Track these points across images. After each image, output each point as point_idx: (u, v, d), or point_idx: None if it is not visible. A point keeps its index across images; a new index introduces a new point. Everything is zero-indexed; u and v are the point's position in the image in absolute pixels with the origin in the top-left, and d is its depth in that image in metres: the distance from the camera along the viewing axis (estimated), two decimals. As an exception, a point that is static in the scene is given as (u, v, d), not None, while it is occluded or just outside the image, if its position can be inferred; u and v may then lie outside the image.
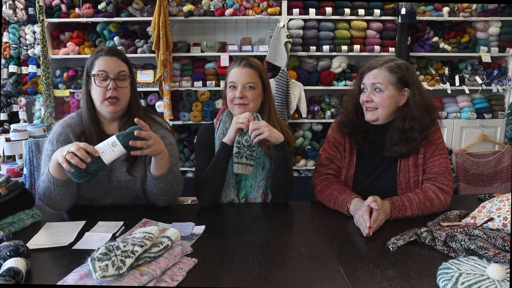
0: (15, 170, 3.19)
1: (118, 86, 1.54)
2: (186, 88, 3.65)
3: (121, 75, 1.56)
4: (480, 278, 0.98)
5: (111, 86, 1.53)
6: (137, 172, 1.62)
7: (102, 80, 1.54)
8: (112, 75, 1.54)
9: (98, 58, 1.56)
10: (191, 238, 1.33)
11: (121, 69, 1.56)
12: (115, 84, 1.54)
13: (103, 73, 1.53)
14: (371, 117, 1.64)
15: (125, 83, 1.57)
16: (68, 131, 1.61)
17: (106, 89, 1.53)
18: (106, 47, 1.63)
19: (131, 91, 1.62)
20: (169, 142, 1.67)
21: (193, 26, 3.86)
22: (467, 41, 3.72)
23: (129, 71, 1.61)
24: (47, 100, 3.55)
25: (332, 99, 3.76)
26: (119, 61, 1.57)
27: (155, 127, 1.67)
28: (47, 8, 3.54)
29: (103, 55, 1.56)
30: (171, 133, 1.73)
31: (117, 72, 1.55)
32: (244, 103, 1.67)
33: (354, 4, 3.59)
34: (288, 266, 1.15)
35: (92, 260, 1.00)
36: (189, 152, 3.74)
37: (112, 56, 1.56)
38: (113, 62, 1.55)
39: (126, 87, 1.58)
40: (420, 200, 1.52)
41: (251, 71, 1.67)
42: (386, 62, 1.62)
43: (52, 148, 1.60)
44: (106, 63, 1.54)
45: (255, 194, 1.73)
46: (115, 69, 1.55)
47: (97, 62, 1.55)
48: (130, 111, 1.63)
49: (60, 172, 1.43)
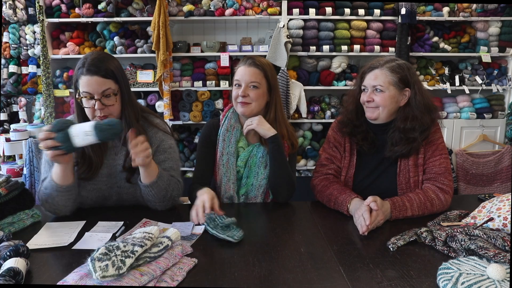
0: (15, 170, 3.19)
1: (104, 104, 1.49)
2: (186, 88, 3.65)
3: (106, 94, 1.48)
4: (480, 278, 0.98)
5: (97, 107, 1.47)
6: (135, 178, 1.59)
7: (88, 100, 1.49)
8: (97, 95, 1.47)
9: (80, 76, 1.48)
10: (191, 238, 1.33)
11: (105, 87, 1.48)
12: (101, 104, 1.47)
13: (87, 94, 1.48)
14: (371, 115, 1.64)
15: (111, 100, 1.50)
16: None
17: (93, 108, 1.49)
18: (88, 60, 1.48)
19: (122, 101, 1.55)
20: (169, 145, 1.66)
21: (193, 26, 3.86)
22: (467, 41, 3.72)
23: (116, 84, 1.51)
24: (47, 100, 3.55)
25: (332, 99, 3.76)
26: (101, 79, 1.47)
27: (152, 130, 1.65)
28: (47, 8, 3.54)
29: (85, 74, 1.46)
30: (170, 135, 1.70)
31: (101, 92, 1.47)
32: (246, 102, 1.67)
33: (354, 4, 3.59)
34: (288, 266, 1.15)
35: (92, 260, 1.00)
36: (189, 152, 3.74)
37: (93, 75, 1.46)
38: (95, 81, 1.46)
39: (113, 104, 1.51)
40: (420, 200, 1.52)
41: (256, 70, 1.67)
42: (387, 62, 1.62)
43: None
44: (88, 84, 1.46)
45: (256, 193, 1.73)
46: (99, 89, 1.47)
47: (81, 82, 1.48)
48: (125, 117, 1.57)
49: (62, 178, 1.44)
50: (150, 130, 1.65)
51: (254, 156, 1.72)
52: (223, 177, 1.71)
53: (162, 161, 1.62)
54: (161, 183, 1.52)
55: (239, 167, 1.73)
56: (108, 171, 1.61)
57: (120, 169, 1.60)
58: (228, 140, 1.72)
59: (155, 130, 1.66)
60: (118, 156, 1.62)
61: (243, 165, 1.73)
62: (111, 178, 1.61)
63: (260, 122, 1.66)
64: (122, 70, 1.57)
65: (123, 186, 1.61)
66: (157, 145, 1.63)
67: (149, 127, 1.65)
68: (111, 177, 1.61)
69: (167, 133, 1.69)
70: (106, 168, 1.60)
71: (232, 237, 1.27)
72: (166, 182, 1.54)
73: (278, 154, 1.66)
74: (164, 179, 1.54)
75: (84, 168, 1.56)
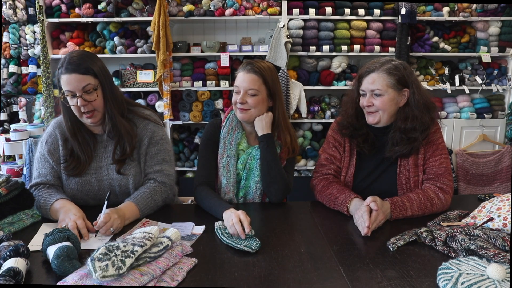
0: (15, 170, 3.19)
1: (87, 101, 1.51)
2: (186, 88, 3.65)
3: (87, 89, 1.50)
4: (480, 278, 0.98)
5: (79, 104, 1.50)
6: (127, 170, 1.62)
7: (71, 98, 1.52)
8: (78, 92, 1.49)
9: (61, 76, 1.51)
10: (191, 238, 1.33)
11: (85, 83, 1.49)
12: (83, 101, 1.50)
13: (69, 92, 1.51)
14: (373, 120, 1.63)
15: (92, 96, 1.52)
16: (57, 133, 1.63)
17: (77, 106, 1.51)
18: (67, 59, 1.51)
19: (104, 96, 1.56)
20: (160, 137, 1.67)
21: (193, 26, 3.86)
22: (467, 41, 3.71)
23: (96, 79, 1.52)
24: (47, 100, 3.54)
25: (332, 99, 3.76)
26: (80, 75, 1.49)
27: (143, 122, 1.67)
28: (47, 8, 3.53)
29: (63, 73, 1.49)
30: (162, 126, 1.72)
31: (82, 88, 1.49)
32: (245, 108, 1.67)
33: (354, 4, 3.59)
34: (288, 266, 1.15)
35: (92, 260, 1.00)
36: (189, 152, 3.74)
37: (71, 73, 1.48)
38: (73, 79, 1.48)
39: (95, 99, 1.53)
40: (420, 200, 1.52)
41: (254, 77, 1.65)
42: (384, 64, 1.61)
43: (42, 150, 1.62)
44: (68, 82, 1.49)
45: (253, 195, 1.73)
46: (78, 85, 1.49)
47: (62, 81, 1.51)
48: (107, 112, 1.58)
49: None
50: (140, 122, 1.66)
51: (252, 158, 1.72)
52: (223, 179, 1.71)
53: (155, 153, 1.65)
54: (148, 210, 1.56)
55: (238, 170, 1.73)
56: (97, 164, 1.62)
57: (110, 162, 1.62)
58: (229, 142, 1.72)
59: (146, 122, 1.67)
60: (107, 149, 1.64)
61: (242, 167, 1.73)
62: (101, 171, 1.62)
63: (260, 120, 1.67)
64: (103, 66, 1.58)
65: (115, 178, 1.62)
66: (149, 136, 1.65)
67: (139, 120, 1.67)
68: (101, 170, 1.62)
69: (158, 124, 1.70)
70: (95, 161, 1.62)
71: (249, 247, 1.24)
72: (151, 202, 1.56)
73: (267, 154, 1.66)
74: (149, 206, 1.55)
75: (73, 165, 1.59)
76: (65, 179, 1.61)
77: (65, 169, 1.60)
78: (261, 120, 1.68)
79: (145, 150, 1.64)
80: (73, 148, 1.60)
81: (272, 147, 1.66)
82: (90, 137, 1.63)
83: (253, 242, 1.26)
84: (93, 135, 1.64)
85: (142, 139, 1.65)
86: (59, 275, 1.07)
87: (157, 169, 1.64)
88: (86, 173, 1.61)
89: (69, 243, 1.15)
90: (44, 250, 1.16)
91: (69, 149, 1.61)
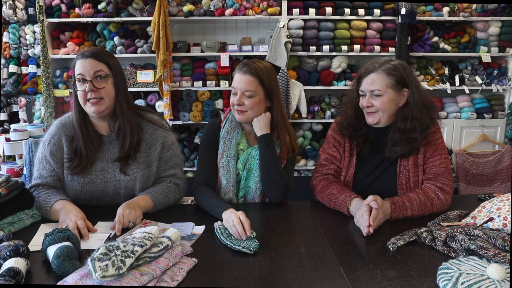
0: (15, 170, 3.19)
1: (96, 87, 1.52)
2: (186, 88, 3.65)
3: (98, 75, 1.53)
4: (480, 278, 0.98)
5: (88, 88, 1.51)
6: (135, 172, 1.62)
7: (81, 83, 1.53)
8: (89, 77, 1.52)
9: (76, 62, 1.55)
10: (191, 238, 1.33)
11: (97, 69, 1.53)
12: (92, 86, 1.52)
13: (80, 76, 1.53)
14: (373, 121, 1.63)
15: (103, 83, 1.54)
16: (61, 133, 1.62)
17: (86, 91, 1.53)
18: (85, 49, 1.61)
19: (116, 89, 1.58)
20: (171, 141, 1.70)
21: (193, 26, 3.86)
22: (467, 41, 3.71)
23: (109, 69, 1.56)
24: (47, 100, 3.55)
25: (332, 99, 3.76)
26: (95, 61, 1.53)
27: (151, 128, 1.67)
28: (47, 8, 3.54)
29: (80, 58, 1.54)
30: (170, 131, 1.74)
31: (93, 73, 1.52)
32: (242, 110, 1.67)
33: (354, 4, 3.59)
34: (288, 266, 1.15)
35: (92, 260, 1.00)
36: (189, 152, 3.74)
37: (87, 57, 1.53)
38: (88, 63, 1.52)
39: (104, 87, 1.54)
40: (420, 200, 1.52)
41: (250, 78, 1.65)
42: (383, 64, 1.60)
43: (44, 150, 1.62)
44: (82, 66, 1.52)
45: (253, 195, 1.73)
46: (91, 70, 1.52)
47: (76, 66, 1.54)
48: (119, 104, 1.60)
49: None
50: (149, 128, 1.67)
51: (252, 158, 1.72)
52: (222, 179, 1.71)
53: (168, 158, 1.68)
54: (160, 206, 1.59)
55: (238, 170, 1.73)
56: (103, 166, 1.62)
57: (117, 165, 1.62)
58: (228, 142, 1.71)
59: (155, 127, 1.68)
60: (113, 151, 1.63)
61: (242, 168, 1.72)
62: (107, 172, 1.61)
63: (259, 120, 1.67)
64: (118, 64, 1.63)
65: (121, 180, 1.62)
66: (161, 142, 1.66)
67: (147, 125, 1.67)
68: (107, 171, 1.61)
69: (167, 129, 1.72)
70: (100, 163, 1.62)
71: (248, 248, 1.24)
72: (165, 199, 1.61)
73: (266, 154, 1.66)
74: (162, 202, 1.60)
75: (76, 163, 1.59)
76: (69, 180, 1.60)
77: (69, 168, 1.59)
78: (259, 121, 1.68)
79: (158, 154, 1.65)
80: (77, 145, 1.60)
81: (271, 147, 1.66)
82: (96, 137, 1.62)
83: (252, 243, 1.26)
84: (99, 135, 1.63)
85: (153, 143, 1.65)
86: (59, 275, 1.07)
87: (171, 173, 1.68)
88: (91, 174, 1.60)
89: (69, 243, 1.15)
90: (44, 250, 1.16)
91: (74, 148, 1.60)
